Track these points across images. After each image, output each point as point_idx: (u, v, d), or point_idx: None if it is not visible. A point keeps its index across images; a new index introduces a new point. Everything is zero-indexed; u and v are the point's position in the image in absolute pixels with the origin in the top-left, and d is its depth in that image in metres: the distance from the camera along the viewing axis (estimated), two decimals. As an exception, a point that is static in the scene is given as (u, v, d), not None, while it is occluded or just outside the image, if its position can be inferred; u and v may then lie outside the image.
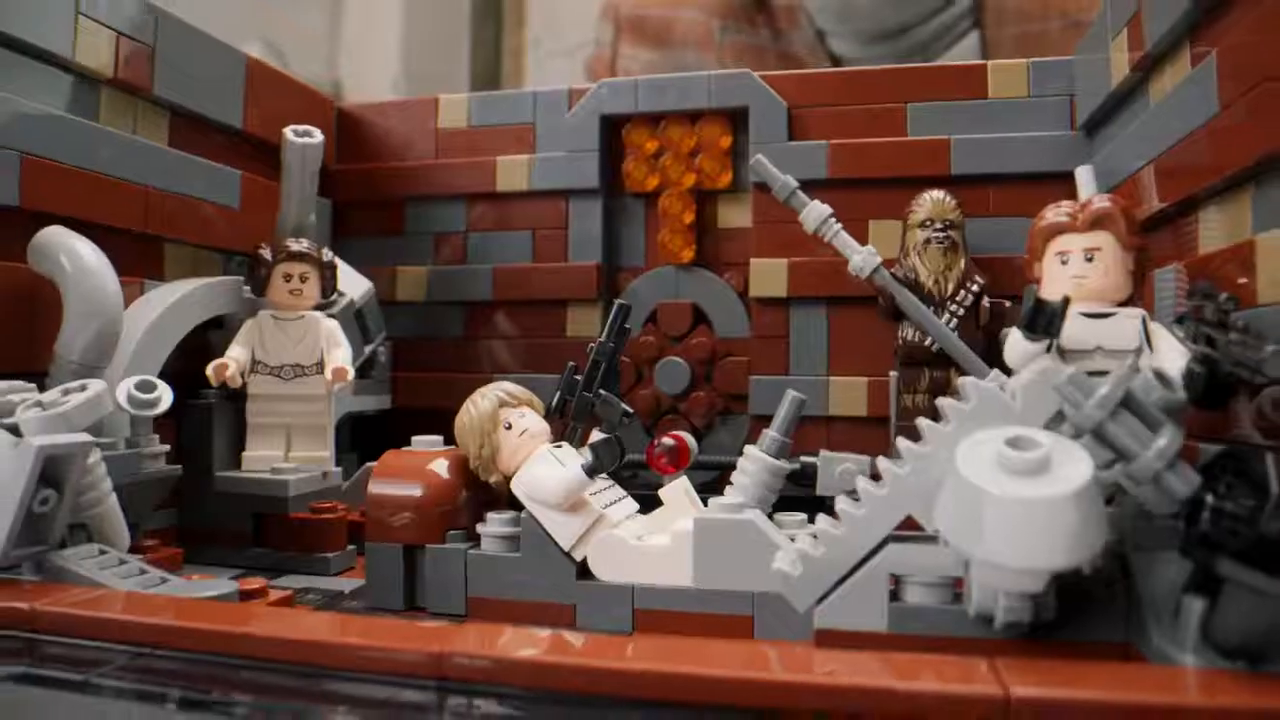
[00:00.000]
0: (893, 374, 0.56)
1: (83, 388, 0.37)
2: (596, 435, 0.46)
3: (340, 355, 0.52)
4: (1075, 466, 0.28)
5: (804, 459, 0.50)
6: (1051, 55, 1.63)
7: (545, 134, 0.68)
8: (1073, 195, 0.57)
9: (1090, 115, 0.57)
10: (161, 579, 0.37)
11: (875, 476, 0.34)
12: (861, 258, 0.51)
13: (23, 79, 0.44)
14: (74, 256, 0.43)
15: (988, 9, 1.51)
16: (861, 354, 0.61)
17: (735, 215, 0.66)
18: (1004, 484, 0.28)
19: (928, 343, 0.53)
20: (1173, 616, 0.29)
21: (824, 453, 0.49)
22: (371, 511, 0.45)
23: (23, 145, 0.43)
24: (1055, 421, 0.31)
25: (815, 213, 0.52)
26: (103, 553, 0.38)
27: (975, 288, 0.56)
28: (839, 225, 0.52)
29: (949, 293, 0.55)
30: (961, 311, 0.55)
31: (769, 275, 0.63)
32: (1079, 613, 0.32)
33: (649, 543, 0.43)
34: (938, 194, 0.57)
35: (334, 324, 0.54)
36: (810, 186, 0.57)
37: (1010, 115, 0.61)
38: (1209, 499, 0.27)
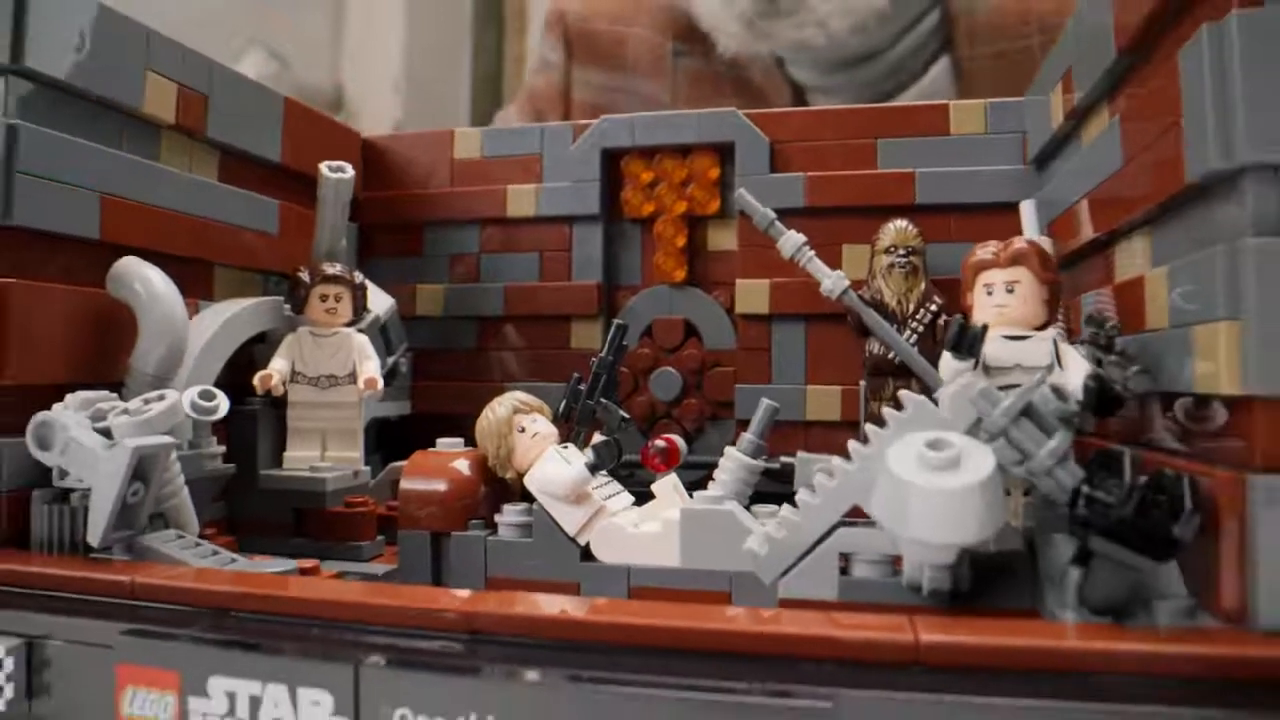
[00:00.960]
0: (862, 384, 0.62)
1: (160, 397, 0.43)
2: (598, 438, 0.52)
3: (371, 367, 0.58)
4: (981, 463, 0.35)
5: (783, 459, 0.57)
6: (1033, 73, 1.61)
7: (551, 165, 0.74)
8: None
9: (1039, 151, 0.64)
10: (231, 558, 0.43)
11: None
12: (832, 281, 0.58)
13: (99, 127, 0.50)
14: (147, 284, 0.49)
15: (958, 27, 1.39)
16: (835, 365, 0.67)
17: (723, 239, 0.72)
18: (924, 477, 0.34)
19: (891, 356, 0.59)
20: (1061, 584, 0.35)
21: (801, 453, 0.55)
22: (403, 504, 0.51)
23: (101, 186, 0.49)
24: (975, 427, 0.38)
25: (791, 242, 0.58)
26: (180, 537, 0.44)
27: (934, 307, 0.62)
28: (812, 252, 0.58)
29: (910, 312, 0.61)
30: (921, 329, 0.61)
31: (753, 294, 0.70)
32: (994, 584, 0.38)
33: (643, 530, 0.49)
34: (901, 223, 0.63)
35: (365, 339, 0.59)
36: (790, 214, 0.64)
37: (969, 150, 0.67)
38: (1084, 489, 0.34)
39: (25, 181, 0.44)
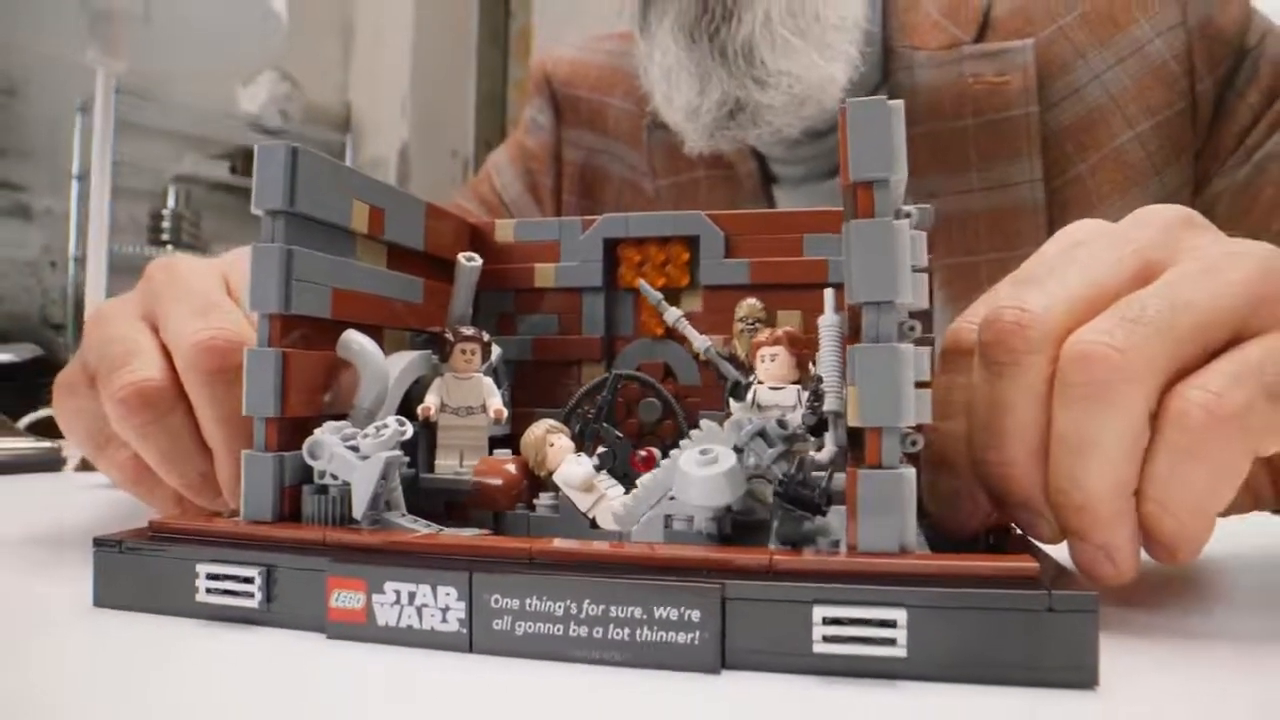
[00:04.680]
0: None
1: (386, 425, 0.65)
2: (601, 449, 0.77)
3: (496, 401, 0.81)
4: (727, 461, 0.60)
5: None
6: (964, 152, 1.76)
7: (566, 249, 0.97)
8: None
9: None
10: (439, 529, 0.67)
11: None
12: (700, 342, 0.84)
13: (327, 241, 0.71)
14: (362, 346, 0.72)
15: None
16: (768, 398, 0.93)
17: (691, 304, 0.95)
18: (696, 469, 0.59)
19: (740, 392, 0.84)
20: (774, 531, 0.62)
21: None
22: (473, 494, 0.78)
23: (330, 281, 0.71)
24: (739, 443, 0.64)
25: (671, 314, 0.86)
26: (404, 515, 0.67)
27: (772, 359, 0.87)
28: (686, 322, 0.86)
29: (753, 364, 0.84)
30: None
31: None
32: (750, 533, 0.63)
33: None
34: (752, 300, 0.87)
35: (490, 381, 0.82)
36: (740, 288, 0.91)
37: None
38: (780, 477, 0.60)
39: (296, 285, 0.66)
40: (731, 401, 0.72)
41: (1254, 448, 0.53)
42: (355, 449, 0.66)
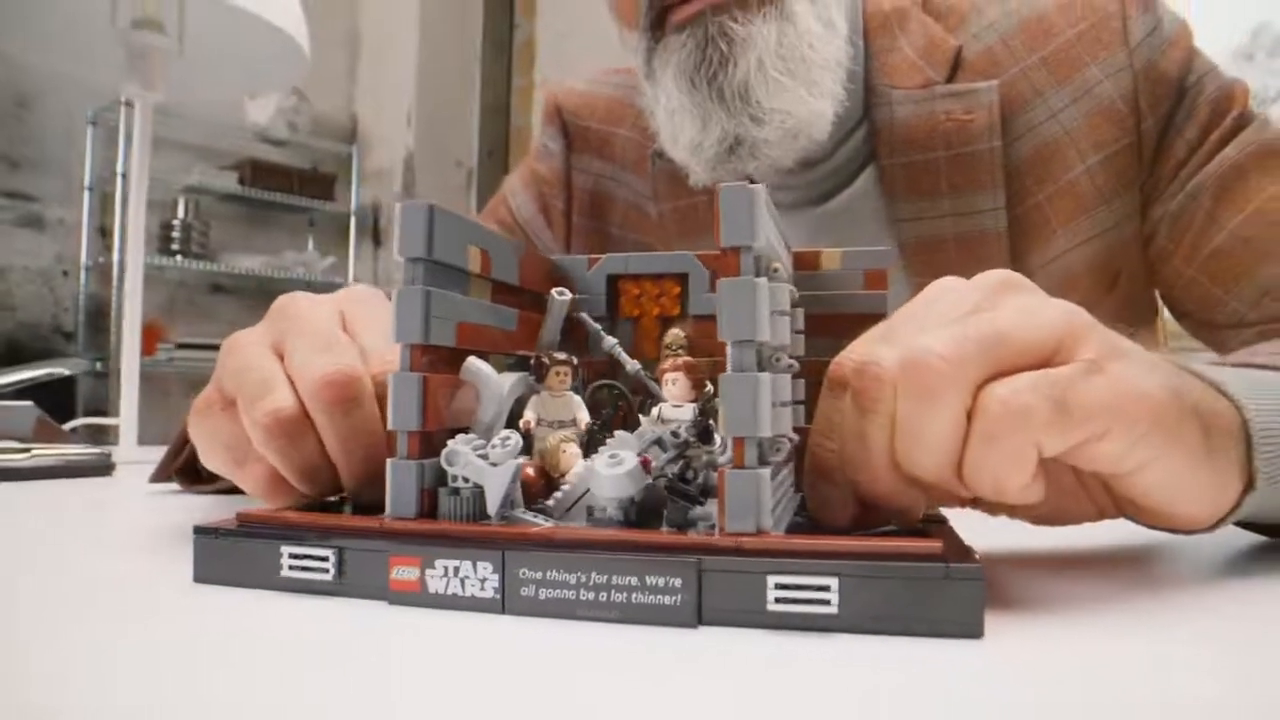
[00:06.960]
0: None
1: (509, 437, 0.78)
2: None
3: (585, 416, 0.92)
4: (630, 463, 0.74)
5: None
6: (937, 182, 1.91)
7: (576, 282, 1.15)
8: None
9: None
10: (555, 522, 0.78)
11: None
12: (631, 366, 0.98)
13: (451, 281, 0.81)
14: (481, 370, 0.83)
15: (880, 139, 1.69)
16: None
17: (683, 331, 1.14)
18: (605, 470, 0.73)
19: (665, 406, 0.99)
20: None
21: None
22: (501, 491, 0.93)
23: (455, 317, 0.81)
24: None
25: (608, 343, 1.00)
26: (524, 512, 0.79)
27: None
28: (620, 349, 1.00)
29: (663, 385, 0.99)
30: (684, 393, 1.01)
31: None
32: (651, 518, 0.77)
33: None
34: (675, 330, 1.02)
35: (579, 398, 0.93)
36: (722, 318, 1.07)
37: (831, 280, 1.09)
38: (670, 473, 0.76)
39: (433, 320, 0.78)
40: (641, 416, 0.89)
41: (1036, 440, 0.68)
42: (484, 457, 0.78)
